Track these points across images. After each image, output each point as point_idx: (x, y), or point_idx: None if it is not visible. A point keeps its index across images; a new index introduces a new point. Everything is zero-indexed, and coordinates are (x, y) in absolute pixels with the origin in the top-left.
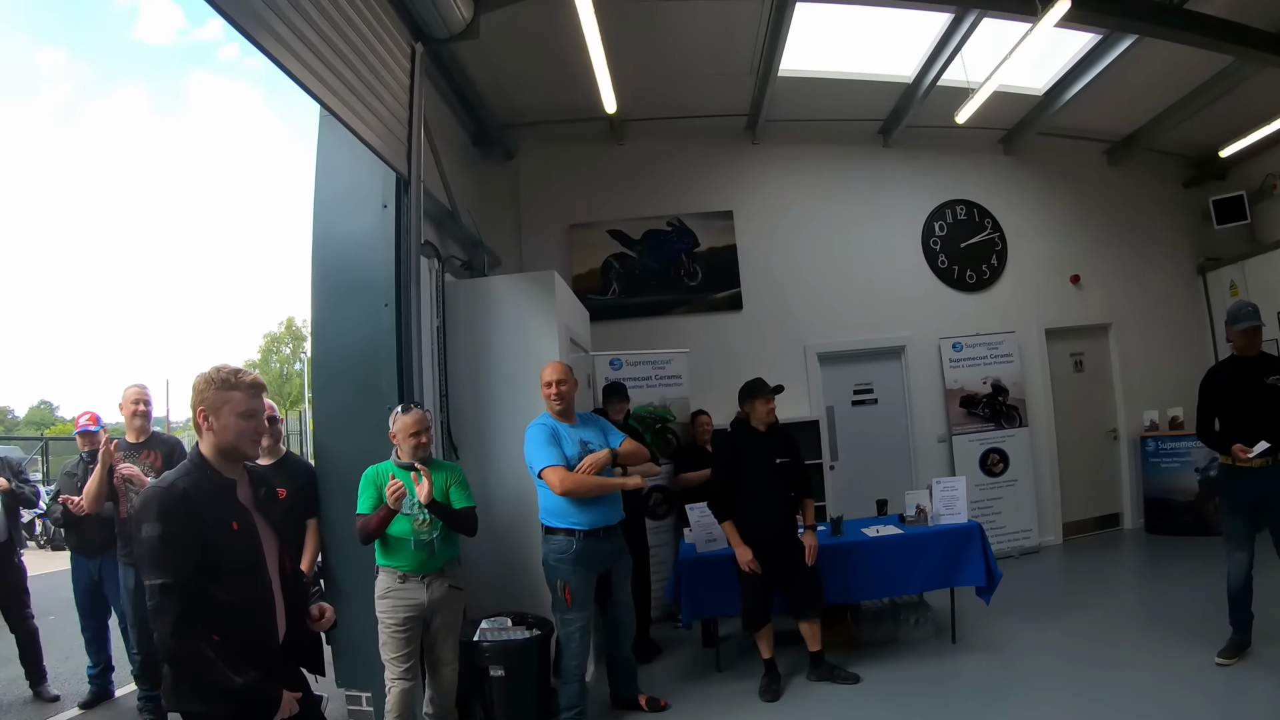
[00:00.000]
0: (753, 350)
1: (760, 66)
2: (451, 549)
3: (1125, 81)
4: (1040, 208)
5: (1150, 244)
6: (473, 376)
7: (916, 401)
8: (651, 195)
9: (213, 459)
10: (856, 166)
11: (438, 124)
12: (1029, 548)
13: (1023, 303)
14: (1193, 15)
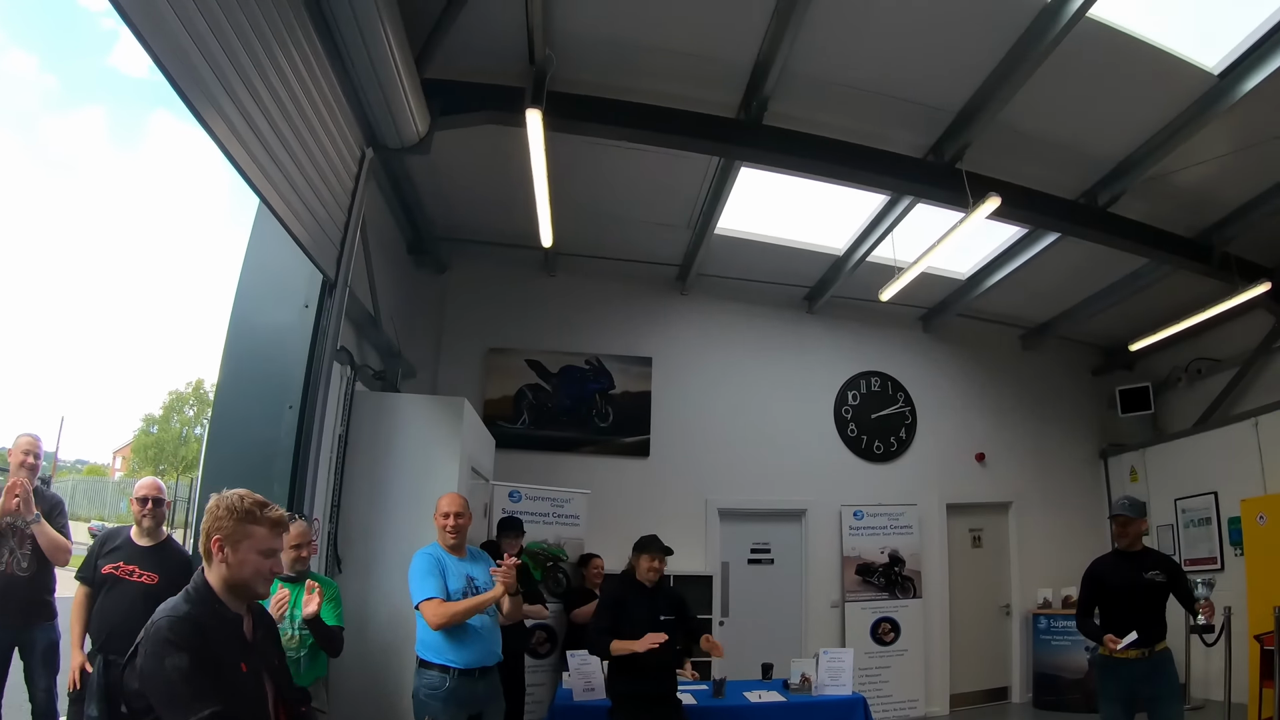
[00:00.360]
0: (654, 498)
1: (699, 221)
2: (318, 669)
3: (1045, 273)
4: (953, 385)
5: (1056, 427)
6: (368, 491)
7: (813, 565)
8: (574, 331)
9: (220, 592)
10: (779, 329)
11: (376, 225)
12: (915, 718)
13: (927, 476)
14: (1114, 218)
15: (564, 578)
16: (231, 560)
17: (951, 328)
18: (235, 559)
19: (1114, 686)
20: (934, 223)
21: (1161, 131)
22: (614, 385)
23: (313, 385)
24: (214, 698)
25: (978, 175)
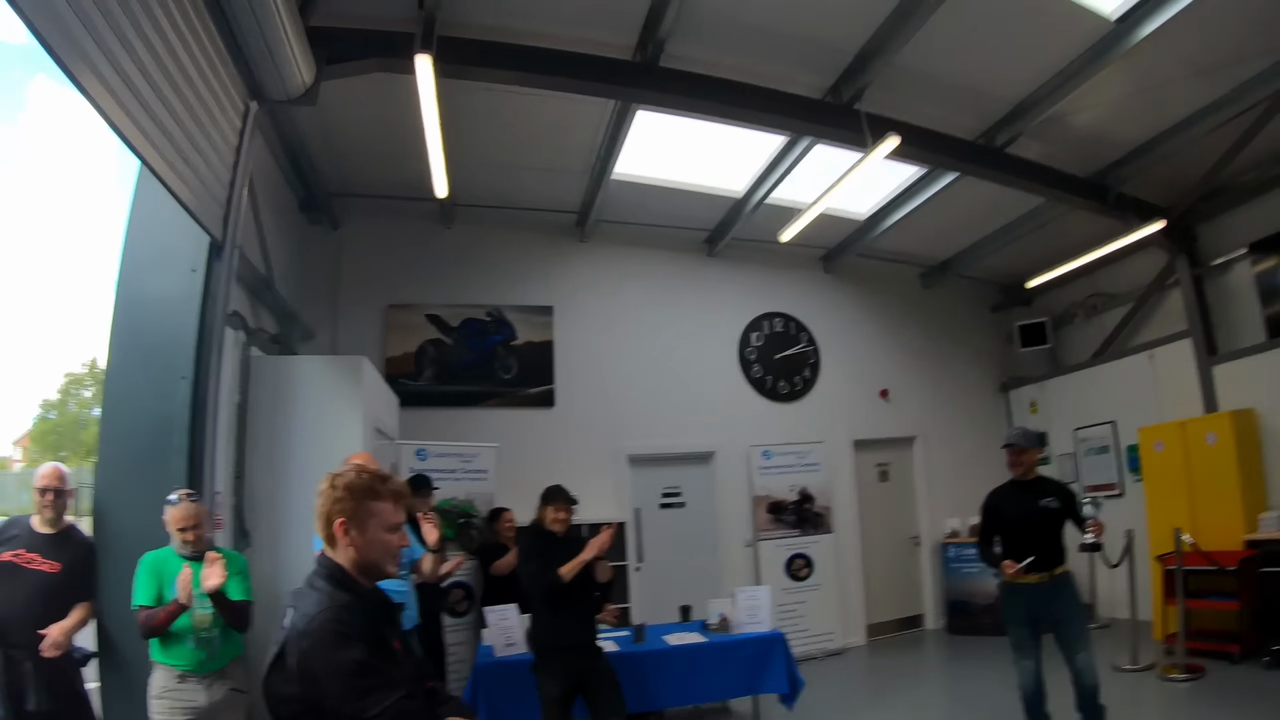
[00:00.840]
0: (562, 448)
1: (596, 167)
2: (235, 648)
3: (944, 213)
4: (855, 324)
5: (957, 362)
6: (270, 460)
7: (724, 506)
8: (474, 283)
9: (354, 574)
10: (680, 273)
11: (265, 185)
12: (833, 649)
13: (833, 414)
14: (1011, 158)
15: (477, 533)
16: (359, 542)
17: (852, 267)
18: (363, 540)
19: (1018, 610)
20: (833, 164)
21: (1059, 74)
22: (516, 336)
23: (205, 353)
24: (396, 684)
25: (876, 116)
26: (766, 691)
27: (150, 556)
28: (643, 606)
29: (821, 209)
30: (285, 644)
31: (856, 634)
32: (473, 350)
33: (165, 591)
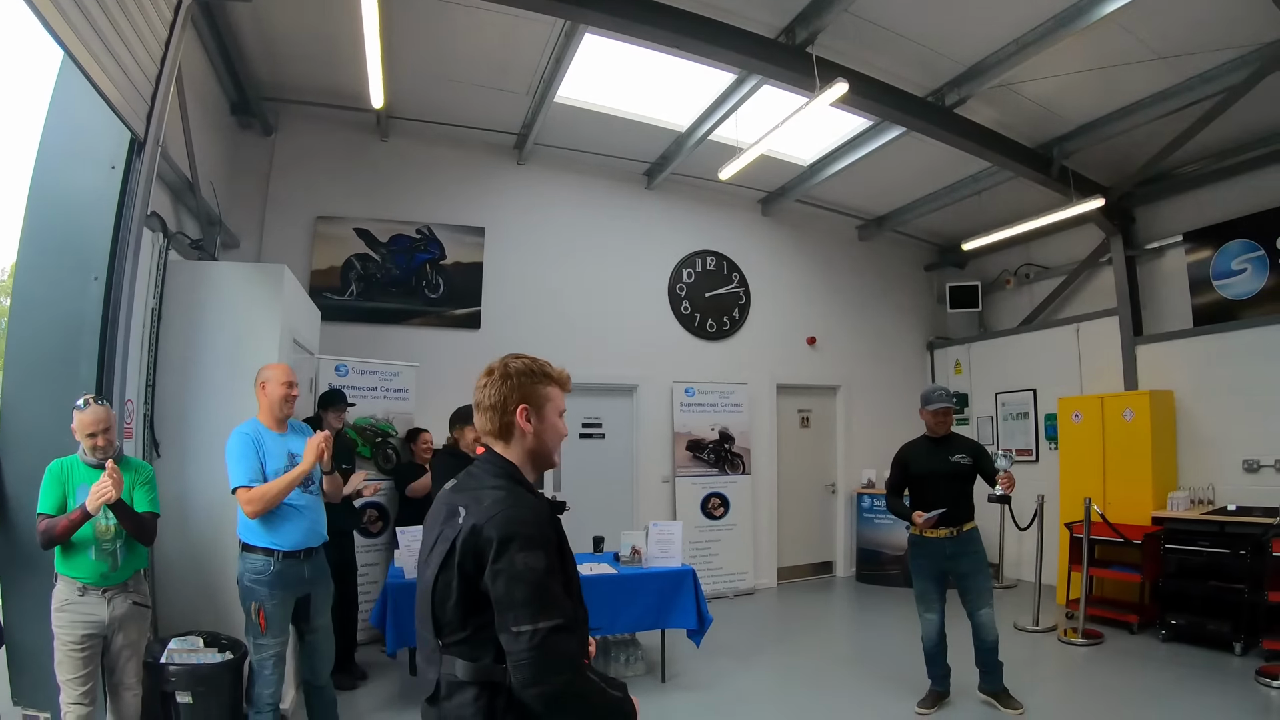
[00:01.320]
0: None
1: (539, 88)
2: (138, 560)
3: (887, 168)
4: (788, 269)
5: (887, 317)
6: (184, 368)
7: (644, 441)
8: (406, 199)
9: (524, 468)
10: (616, 204)
11: (197, 83)
12: (744, 589)
13: (758, 357)
14: (959, 119)
15: (393, 453)
16: (538, 428)
17: (790, 213)
18: (541, 426)
19: (925, 563)
20: (781, 107)
21: (1016, 41)
22: (445, 255)
23: (120, 254)
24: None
25: (828, 61)
26: (675, 626)
27: (57, 464)
28: None
29: (763, 150)
30: (458, 544)
31: (768, 576)
32: (400, 267)
33: (70, 500)
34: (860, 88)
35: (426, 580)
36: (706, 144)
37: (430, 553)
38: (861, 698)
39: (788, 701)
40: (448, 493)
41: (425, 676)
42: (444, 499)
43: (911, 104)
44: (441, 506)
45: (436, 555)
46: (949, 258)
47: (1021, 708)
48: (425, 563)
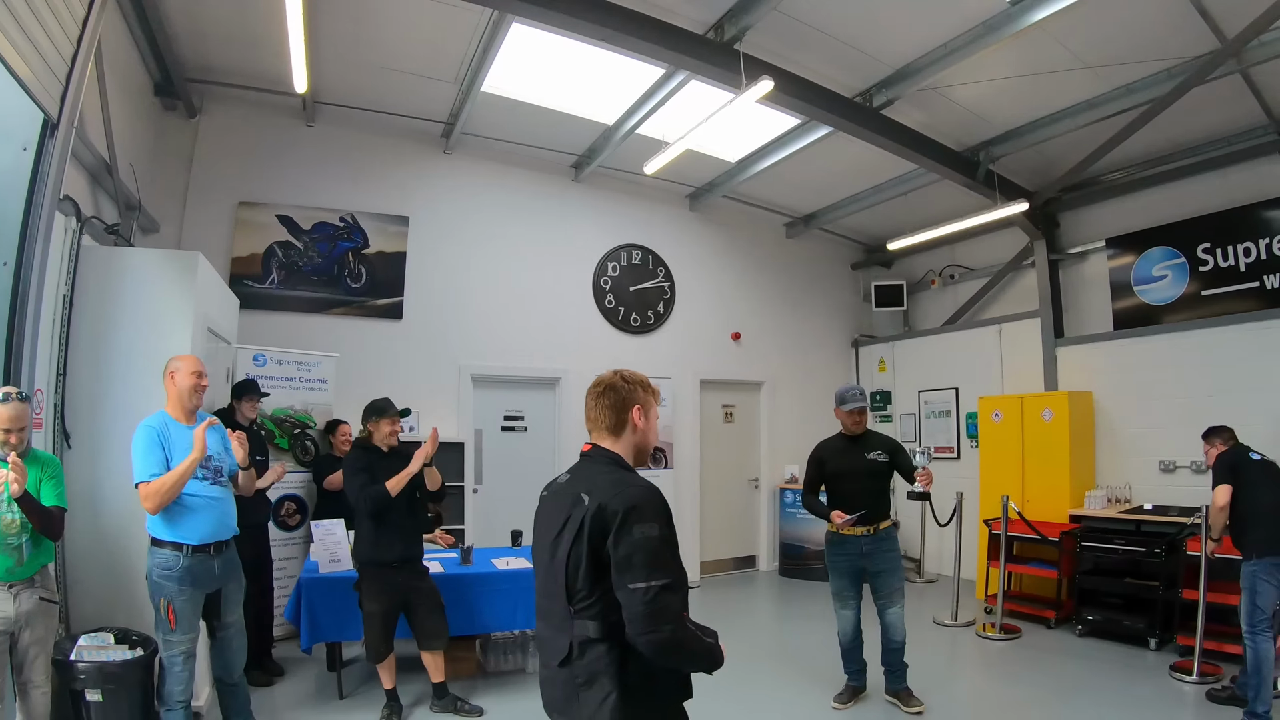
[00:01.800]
0: (406, 363)
1: (467, 78)
2: (44, 555)
3: (814, 166)
4: (714, 265)
5: (812, 314)
6: (95, 357)
7: (567, 434)
8: (331, 186)
9: (628, 458)
10: (542, 196)
11: (118, 62)
12: None
13: (682, 352)
14: (887, 120)
15: (312, 445)
16: (644, 426)
17: (718, 209)
18: (646, 425)
19: (841, 560)
20: (709, 104)
21: (945, 45)
22: (368, 244)
23: (30, 239)
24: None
25: (756, 59)
26: None
27: None
28: (478, 530)
29: (688, 146)
30: (586, 521)
31: (690, 570)
32: (323, 255)
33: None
34: (787, 86)
35: (558, 559)
36: (634, 138)
37: (559, 535)
38: (781, 692)
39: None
40: (564, 484)
41: (553, 644)
42: (562, 490)
43: (839, 104)
44: (560, 496)
45: (568, 535)
46: (875, 257)
47: (922, 708)
48: (554, 544)
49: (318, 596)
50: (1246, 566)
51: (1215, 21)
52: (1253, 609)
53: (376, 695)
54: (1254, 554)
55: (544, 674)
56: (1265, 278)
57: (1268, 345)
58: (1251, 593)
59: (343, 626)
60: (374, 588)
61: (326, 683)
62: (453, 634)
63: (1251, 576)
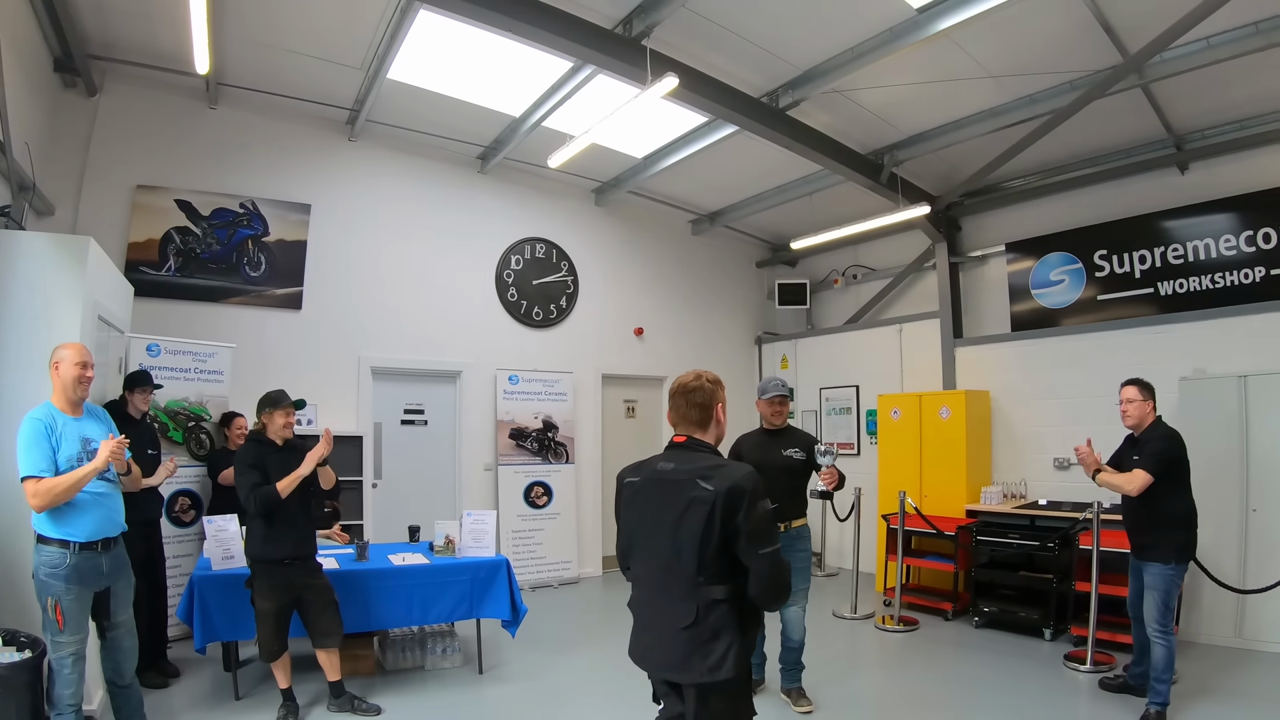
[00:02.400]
0: (304, 355)
1: (373, 64)
2: None
3: (720, 165)
4: (619, 260)
5: (716, 311)
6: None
7: (467, 428)
8: (232, 171)
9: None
10: (447, 187)
11: (15, 37)
12: (568, 578)
13: (585, 346)
14: (793, 121)
15: (206, 439)
16: (724, 422)
17: (624, 204)
18: (724, 418)
19: None
20: (617, 99)
21: (852, 49)
22: (268, 232)
23: None
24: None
25: (663, 55)
26: (489, 616)
27: None
28: (377, 525)
29: (594, 140)
30: (718, 502)
31: (592, 565)
32: (221, 242)
33: None
34: (693, 84)
35: (685, 536)
36: (541, 131)
37: (684, 515)
38: None
39: (606, 691)
40: (669, 469)
41: (675, 611)
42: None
43: (745, 103)
44: (672, 480)
45: (695, 515)
46: (780, 255)
47: (810, 708)
48: (677, 523)
49: (211, 595)
50: (1165, 569)
51: (1119, 37)
52: (1165, 610)
53: (274, 696)
54: (1176, 558)
55: (655, 638)
56: (1159, 284)
57: (1160, 349)
58: (1166, 594)
59: (237, 625)
60: (266, 585)
61: (223, 684)
62: (348, 631)
63: (1170, 580)
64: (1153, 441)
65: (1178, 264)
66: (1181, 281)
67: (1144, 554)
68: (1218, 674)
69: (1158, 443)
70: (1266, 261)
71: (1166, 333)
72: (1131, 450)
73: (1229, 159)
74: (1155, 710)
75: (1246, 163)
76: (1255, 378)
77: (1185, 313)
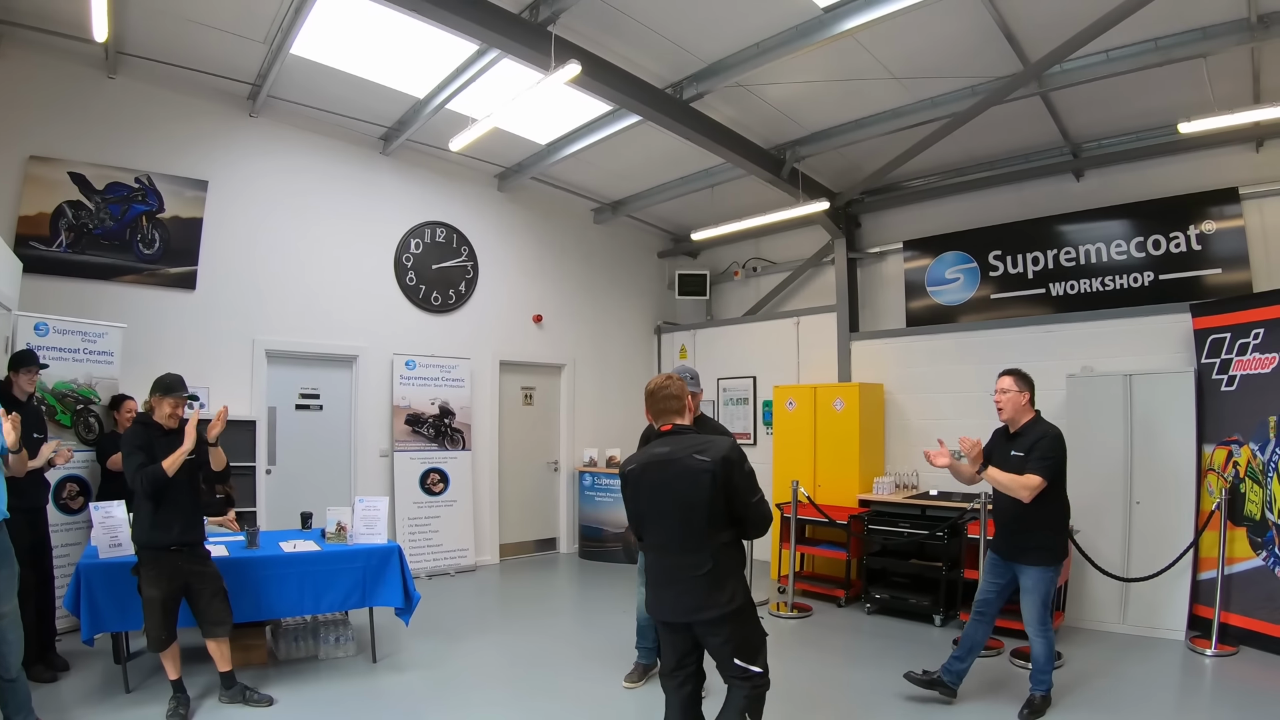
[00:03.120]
0: (198, 336)
1: (277, 38)
2: None
3: (624, 153)
4: (520, 246)
5: (617, 300)
6: None
7: (363, 414)
8: (129, 143)
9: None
10: (349, 167)
11: None
12: (466, 566)
13: (483, 332)
14: (696, 113)
15: (95, 422)
16: (693, 407)
17: (527, 190)
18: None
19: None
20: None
21: (758, 45)
22: (163, 208)
23: None
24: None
25: (569, 42)
26: (381, 604)
27: None
28: (271, 512)
29: (497, 125)
30: (718, 470)
31: (490, 553)
32: (115, 218)
33: None
34: (597, 71)
35: (699, 500)
36: (445, 113)
37: (691, 486)
38: (577, 673)
39: (502, 679)
40: (668, 452)
41: (695, 562)
42: (670, 456)
43: (649, 93)
44: (675, 460)
45: (705, 482)
46: (681, 246)
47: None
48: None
49: (98, 583)
50: (1045, 572)
51: (1020, 46)
52: (1044, 609)
53: (165, 688)
54: (1055, 560)
55: (680, 589)
56: (1051, 285)
57: (1050, 347)
58: (1045, 595)
59: (126, 615)
60: (153, 572)
61: (113, 676)
62: (239, 620)
63: (1050, 580)
64: (1041, 442)
65: (1070, 266)
66: (1073, 283)
67: (1021, 556)
68: (1101, 657)
69: (1047, 444)
70: (1155, 267)
71: (1057, 331)
72: (1007, 444)
73: (1124, 168)
74: (1040, 695)
75: (1140, 172)
76: (1140, 377)
77: (1075, 313)
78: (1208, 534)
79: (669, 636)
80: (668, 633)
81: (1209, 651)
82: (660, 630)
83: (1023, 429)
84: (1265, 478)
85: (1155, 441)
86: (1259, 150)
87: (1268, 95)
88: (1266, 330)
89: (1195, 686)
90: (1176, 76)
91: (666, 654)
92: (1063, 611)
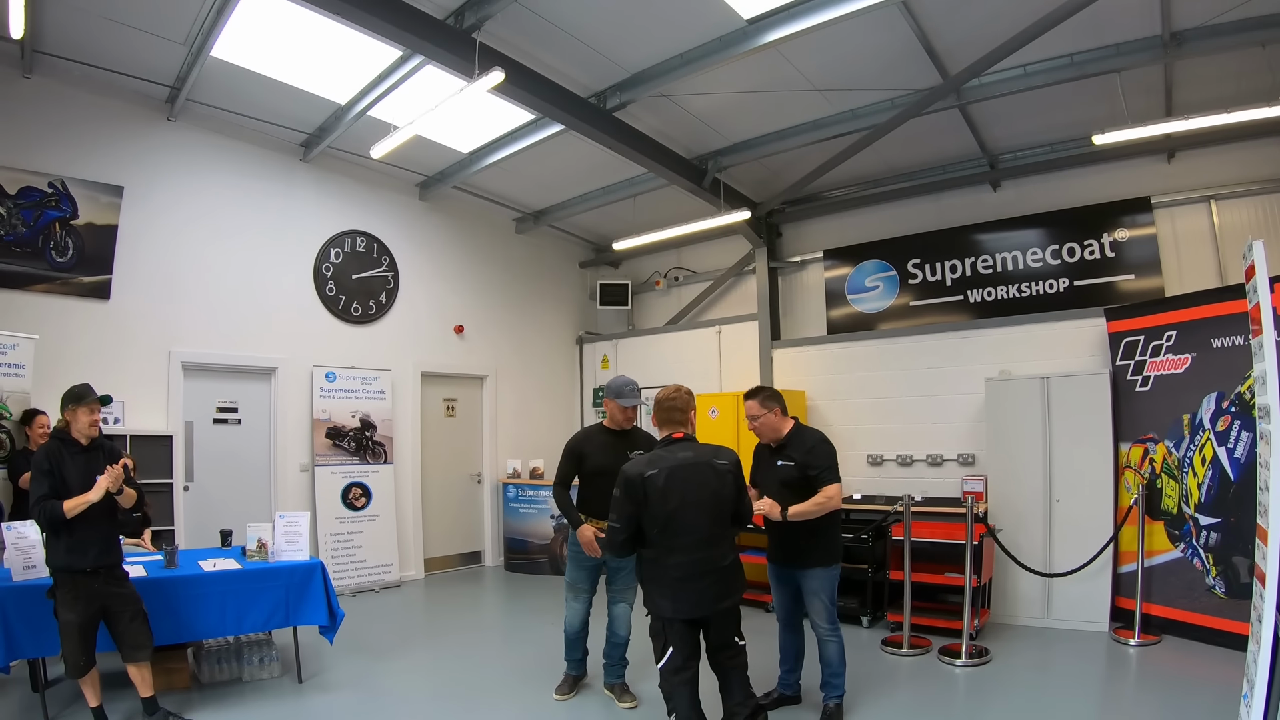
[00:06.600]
0: (112, 348)
1: (197, 40)
2: None
3: (546, 163)
4: (441, 256)
5: (539, 310)
6: None
7: (283, 427)
8: (43, 146)
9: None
10: (269, 174)
11: None
12: (390, 582)
13: (404, 343)
14: (619, 123)
15: (6, 438)
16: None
17: (448, 199)
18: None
19: (586, 557)
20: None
21: (681, 55)
22: (77, 215)
23: None
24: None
25: (493, 49)
26: (305, 623)
27: None
28: (189, 530)
29: (419, 132)
30: (732, 474)
31: (414, 567)
32: (27, 224)
33: None
34: (520, 79)
35: (724, 499)
36: (366, 120)
37: (719, 485)
38: (507, 688)
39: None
40: (691, 457)
41: (721, 551)
42: (692, 461)
43: (572, 102)
44: (698, 464)
45: (725, 484)
46: (603, 256)
47: (635, 703)
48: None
49: (12, 608)
50: (828, 572)
51: (940, 59)
52: (832, 609)
53: (86, 715)
54: (836, 559)
55: (709, 581)
56: (969, 292)
57: (969, 352)
58: (831, 594)
59: (42, 641)
60: (69, 595)
61: (31, 705)
62: (159, 643)
63: (834, 580)
64: (818, 449)
65: (987, 274)
66: (990, 290)
67: (805, 561)
68: (1027, 651)
69: (825, 452)
70: (1071, 273)
71: (975, 337)
72: (773, 456)
73: (1039, 179)
74: (834, 704)
75: (1055, 183)
76: (1057, 379)
77: (993, 319)
78: (1127, 529)
79: (686, 634)
80: (686, 630)
81: (1132, 641)
82: (678, 629)
83: (786, 439)
84: (1181, 473)
85: (1073, 441)
86: (1170, 161)
87: (1179, 109)
88: (1179, 333)
89: (1121, 675)
90: (1091, 91)
91: (677, 651)
92: (988, 609)
